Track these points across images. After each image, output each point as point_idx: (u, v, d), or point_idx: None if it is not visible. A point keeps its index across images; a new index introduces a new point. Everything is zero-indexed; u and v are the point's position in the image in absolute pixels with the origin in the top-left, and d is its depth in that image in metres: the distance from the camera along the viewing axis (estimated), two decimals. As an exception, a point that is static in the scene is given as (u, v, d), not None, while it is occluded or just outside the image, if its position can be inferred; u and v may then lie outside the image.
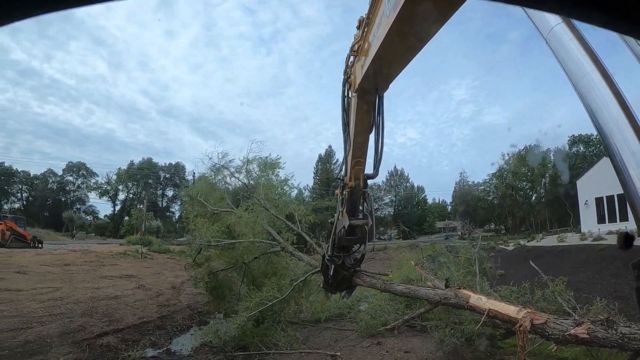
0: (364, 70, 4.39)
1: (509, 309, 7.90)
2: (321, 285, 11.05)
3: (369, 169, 5.99)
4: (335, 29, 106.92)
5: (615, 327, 6.89)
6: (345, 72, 5.23)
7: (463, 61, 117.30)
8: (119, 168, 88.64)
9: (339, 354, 10.98)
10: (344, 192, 6.39)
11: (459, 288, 9.22)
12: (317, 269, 11.90)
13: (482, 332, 9.92)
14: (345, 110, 5.49)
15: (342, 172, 6.37)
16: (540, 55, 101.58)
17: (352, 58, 4.97)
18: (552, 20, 4.94)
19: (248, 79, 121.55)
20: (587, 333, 6.92)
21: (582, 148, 69.14)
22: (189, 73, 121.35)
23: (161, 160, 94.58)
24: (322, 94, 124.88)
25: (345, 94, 5.42)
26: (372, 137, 5.46)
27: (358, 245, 7.69)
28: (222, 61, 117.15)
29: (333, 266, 8.40)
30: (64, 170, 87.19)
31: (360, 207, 6.67)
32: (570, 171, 48.28)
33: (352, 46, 4.70)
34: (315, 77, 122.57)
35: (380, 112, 4.93)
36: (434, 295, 9.25)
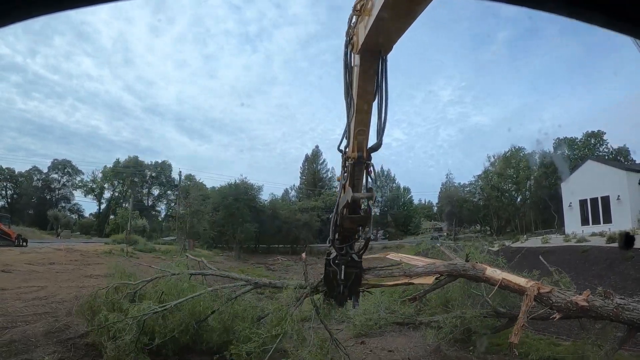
0: (367, 31, 4.21)
1: (520, 280, 8.67)
2: (322, 302, 10.11)
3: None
4: (321, 28, 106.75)
5: (612, 298, 7.61)
6: (348, 34, 4.94)
7: (450, 62, 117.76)
8: (105, 166, 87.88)
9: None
10: (347, 165, 5.95)
11: (477, 262, 9.86)
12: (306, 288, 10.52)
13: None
14: (348, 74, 5.18)
15: (344, 143, 5.97)
16: (529, 56, 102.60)
17: (354, 18, 4.70)
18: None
19: (234, 77, 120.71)
20: (587, 301, 7.62)
21: (566, 151, 69.91)
22: (174, 70, 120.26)
23: (147, 159, 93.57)
24: (308, 93, 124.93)
25: (348, 56, 5.12)
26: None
27: (361, 229, 7.08)
28: (207, 58, 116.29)
29: (343, 266, 7.68)
30: (49, 167, 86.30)
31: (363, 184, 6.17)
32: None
33: (355, 5, 4.48)
34: (302, 76, 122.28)
35: (384, 75, 4.65)
36: (454, 268, 9.63)
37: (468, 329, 10.76)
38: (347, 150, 5.90)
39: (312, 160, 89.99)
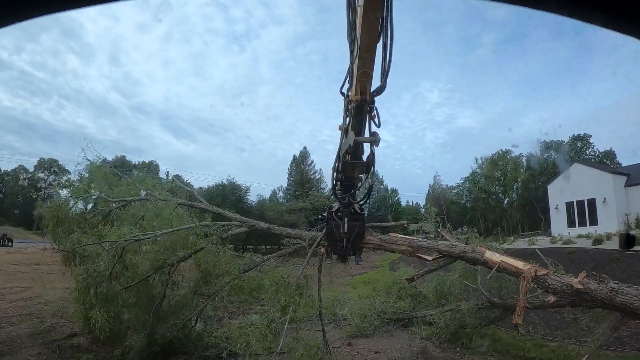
0: None
1: (518, 263, 8.80)
2: (326, 257, 9.57)
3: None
4: (310, 29, 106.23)
5: (606, 282, 7.83)
6: None
7: (437, 64, 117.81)
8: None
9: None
10: (349, 108, 5.76)
11: (476, 246, 9.92)
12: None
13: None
14: (351, 12, 4.87)
15: (347, 86, 5.76)
16: (515, 59, 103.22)
17: None
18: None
19: (222, 77, 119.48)
20: (582, 283, 7.88)
21: (553, 154, 70.49)
22: (160, 69, 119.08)
23: (134, 159, 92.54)
24: (295, 93, 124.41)
25: None
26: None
27: (364, 176, 7.15)
28: (194, 57, 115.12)
29: (346, 219, 7.75)
30: (35, 166, 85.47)
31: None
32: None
33: None
34: (289, 76, 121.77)
35: (389, 13, 4.40)
36: (454, 249, 9.68)
37: (462, 325, 10.92)
38: (349, 93, 5.73)
39: (300, 162, 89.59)
